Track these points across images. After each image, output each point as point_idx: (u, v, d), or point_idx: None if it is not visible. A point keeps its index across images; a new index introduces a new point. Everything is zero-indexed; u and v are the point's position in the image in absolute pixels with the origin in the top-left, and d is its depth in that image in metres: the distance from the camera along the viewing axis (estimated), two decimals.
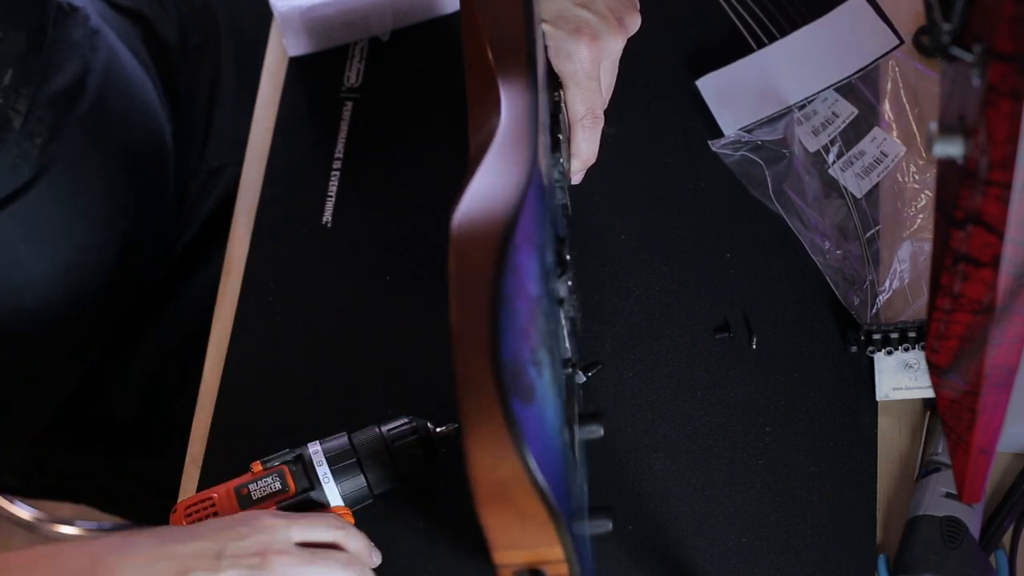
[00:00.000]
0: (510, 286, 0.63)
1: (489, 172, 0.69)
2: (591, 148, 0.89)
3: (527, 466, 0.62)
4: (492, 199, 0.66)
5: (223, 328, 0.99)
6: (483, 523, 0.67)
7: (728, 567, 0.88)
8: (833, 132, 1.01)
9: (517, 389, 0.62)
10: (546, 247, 0.71)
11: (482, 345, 0.61)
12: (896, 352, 0.92)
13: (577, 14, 0.85)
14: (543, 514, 0.65)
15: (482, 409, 0.62)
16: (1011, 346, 0.61)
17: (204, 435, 0.95)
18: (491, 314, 0.62)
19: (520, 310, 0.63)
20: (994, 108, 0.53)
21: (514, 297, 0.63)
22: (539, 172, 0.72)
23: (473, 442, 0.63)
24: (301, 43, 1.08)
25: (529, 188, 0.68)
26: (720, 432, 0.92)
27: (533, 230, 0.68)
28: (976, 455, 0.70)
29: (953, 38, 0.55)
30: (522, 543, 0.68)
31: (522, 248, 0.65)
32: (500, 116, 0.74)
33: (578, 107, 0.86)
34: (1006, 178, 0.54)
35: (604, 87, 0.88)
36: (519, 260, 0.64)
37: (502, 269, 0.63)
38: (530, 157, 0.70)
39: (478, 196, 0.67)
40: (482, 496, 0.65)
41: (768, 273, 0.97)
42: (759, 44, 1.05)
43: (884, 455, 0.91)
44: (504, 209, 0.65)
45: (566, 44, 0.85)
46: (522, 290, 0.64)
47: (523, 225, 0.65)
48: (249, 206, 1.04)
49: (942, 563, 0.83)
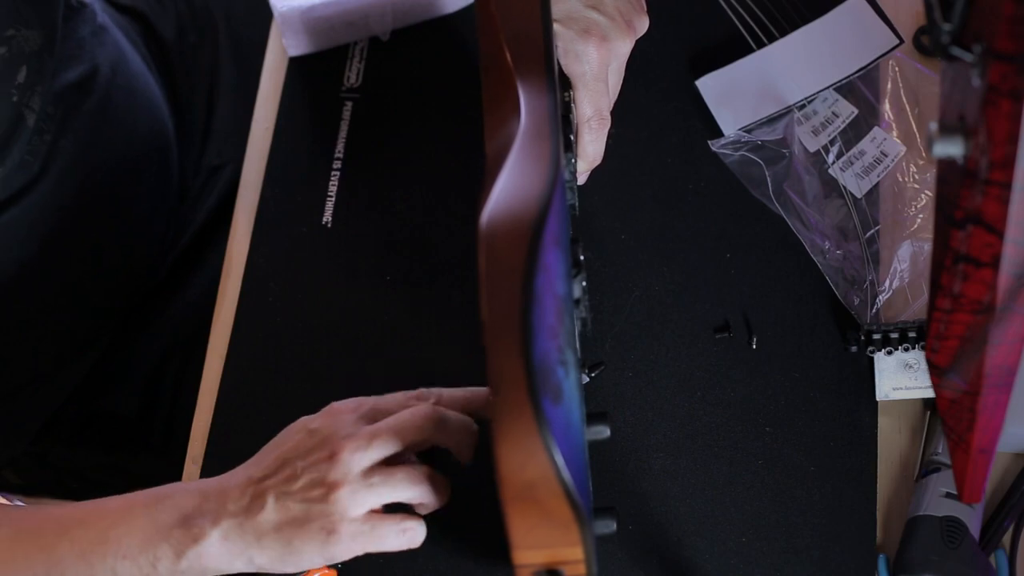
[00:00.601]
0: (541, 285, 0.63)
1: (515, 172, 0.69)
2: (597, 149, 0.89)
3: (556, 466, 0.62)
4: (520, 198, 0.66)
5: (223, 328, 0.99)
6: (508, 522, 0.67)
7: (728, 567, 0.88)
8: (833, 132, 1.01)
9: (547, 389, 0.62)
10: (568, 247, 0.71)
11: (515, 344, 0.62)
12: (896, 352, 0.92)
13: (587, 15, 0.85)
14: (569, 515, 0.65)
15: (514, 408, 0.62)
16: (1011, 346, 0.61)
17: (204, 435, 0.95)
18: (523, 313, 0.62)
19: (549, 309, 0.64)
20: (994, 108, 0.53)
21: (544, 296, 0.63)
22: (563, 172, 0.72)
23: (504, 440, 0.63)
24: (301, 43, 1.08)
25: (556, 187, 0.68)
26: (720, 432, 0.92)
27: (559, 229, 0.68)
28: (976, 455, 0.70)
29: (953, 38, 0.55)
30: (545, 543, 0.68)
31: (550, 247, 0.65)
32: (520, 117, 0.74)
33: (586, 108, 0.86)
34: (1006, 178, 0.54)
35: (611, 89, 0.88)
36: (548, 259, 0.64)
37: (533, 267, 0.63)
38: (554, 156, 0.70)
39: (506, 195, 0.67)
40: (509, 495, 0.65)
41: (768, 273, 0.97)
42: (759, 44, 1.05)
43: (884, 455, 0.91)
44: (533, 207, 0.66)
45: (575, 45, 0.85)
46: (551, 288, 0.64)
47: (551, 224, 0.66)
48: (249, 206, 1.04)
49: (942, 563, 0.83)
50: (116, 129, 1.06)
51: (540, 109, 0.74)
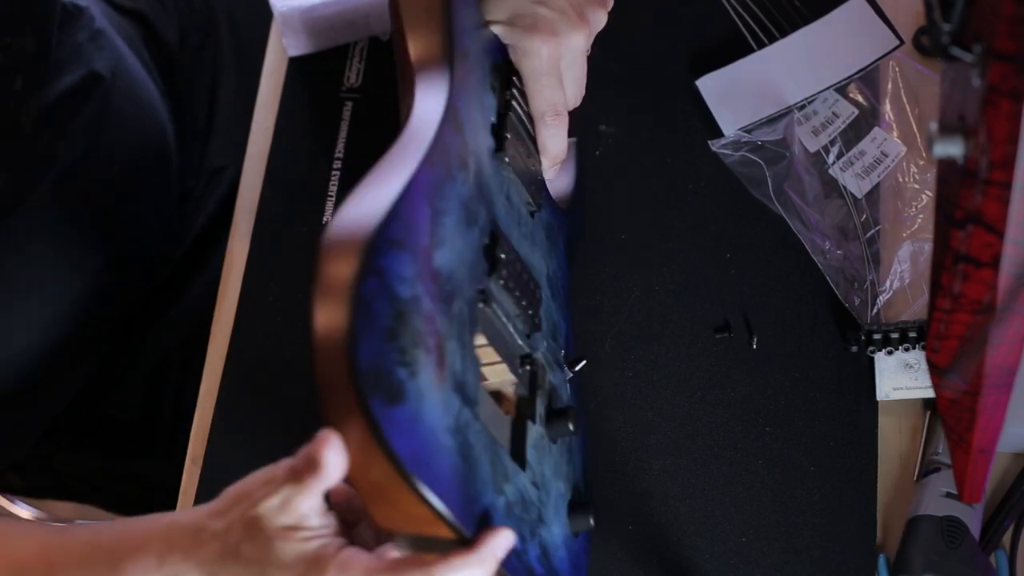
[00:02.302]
0: (370, 289, 0.63)
1: (369, 182, 0.70)
2: (556, 145, 0.88)
3: (398, 466, 0.62)
4: (361, 208, 0.67)
5: (223, 328, 0.99)
6: (372, 513, 0.67)
7: (728, 567, 0.88)
8: (833, 132, 1.01)
9: (379, 390, 0.62)
10: (451, 247, 0.71)
11: (339, 350, 0.62)
12: (896, 352, 0.92)
13: (534, 11, 0.85)
14: (427, 513, 0.65)
15: (342, 412, 0.62)
16: (1011, 346, 0.61)
17: (204, 435, 0.95)
18: (349, 318, 0.62)
19: (382, 313, 0.64)
20: (994, 108, 0.53)
21: (375, 300, 0.63)
22: (441, 173, 0.72)
23: (347, 445, 0.64)
24: (301, 43, 1.08)
25: (409, 192, 0.68)
26: (720, 432, 0.92)
27: (415, 233, 0.68)
28: (976, 455, 0.70)
29: (953, 38, 0.55)
30: (413, 526, 0.68)
31: (390, 252, 0.65)
32: (408, 119, 0.75)
33: (538, 104, 0.86)
34: (1006, 178, 0.54)
35: (570, 82, 0.87)
36: (385, 264, 0.65)
37: (362, 273, 0.63)
38: (416, 161, 0.71)
39: (350, 205, 0.68)
40: (365, 498, 0.66)
41: (768, 273, 0.97)
42: (759, 44, 1.05)
43: (884, 455, 0.91)
44: (371, 216, 0.66)
45: (522, 42, 0.84)
46: (386, 292, 0.65)
47: (394, 229, 0.66)
48: (249, 206, 1.04)
49: (942, 563, 0.83)
50: (116, 134, 1.06)
51: (425, 110, 0.75)
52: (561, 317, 0.88)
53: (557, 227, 0.91)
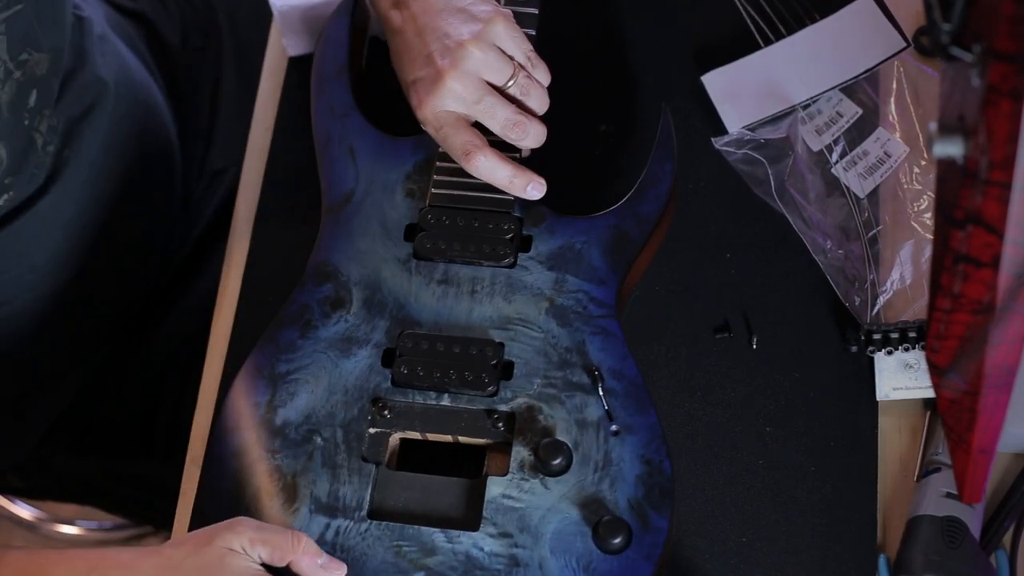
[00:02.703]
0: (212, 475, 0.88)
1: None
2: (493, 175, 0.91)
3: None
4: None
5: (223, 328, 0.99)
6: None
7: (728, 567, 0.88)
8: (837, 132, 1.01)
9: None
10: (310, 392, 0.88)
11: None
12: (896, 352, 0.92)
13: (408, 80, 0.92)
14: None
15: None
16: (1011, 346, 0.61)
17: (204, 435, 0.95)
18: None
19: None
20: (994, 108, 0.53)
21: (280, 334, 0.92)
22: (287, 336, 0.91)
23: None
24: (301, 43, 1.08)
25: (233, 386, 0.90)
26: (720, 432, 0.92)
27: (245, 415, 0.89)
28: (976, 455, 0.70)
29: (953, 38, 0.55)
30: None
31: (225, 438, 0.88)
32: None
33: (454, 152, 0.91)
34: (1006, 178, 0.54)
35: (480, 115, 0.91)
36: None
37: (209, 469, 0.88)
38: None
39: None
40: None
41: (768, 273, 0.97)
42: (767, 42, 1.04)
43: (884, 455, 0.91)
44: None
45: (416, 113, 0.92)
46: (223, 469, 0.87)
47: (226, 422, 0.89)
48: (249, 206, 1.04)
49: (942, 563, 0.83)
50: (119, 139, 1.06)
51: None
52: (570, 341, 0.89)
53: (581, 242, 0.92)
